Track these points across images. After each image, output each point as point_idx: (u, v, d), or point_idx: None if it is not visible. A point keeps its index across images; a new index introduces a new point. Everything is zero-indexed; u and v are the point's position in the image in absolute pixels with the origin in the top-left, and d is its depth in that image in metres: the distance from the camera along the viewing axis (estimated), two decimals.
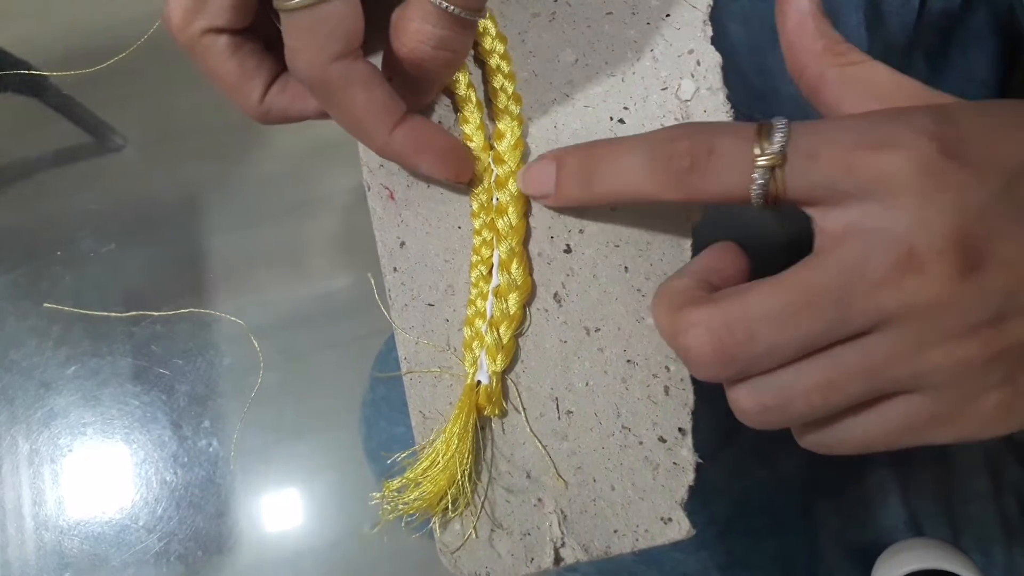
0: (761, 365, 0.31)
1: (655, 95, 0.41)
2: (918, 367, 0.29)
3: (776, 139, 0.30)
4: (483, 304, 0.39)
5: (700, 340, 0.31)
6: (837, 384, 0.30)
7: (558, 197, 0.37)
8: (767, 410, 0.32)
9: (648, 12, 0.42)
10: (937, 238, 0.28)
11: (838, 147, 0.29)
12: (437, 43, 0.34)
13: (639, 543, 0.37)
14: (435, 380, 0.39)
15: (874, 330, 0.29)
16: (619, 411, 0.38)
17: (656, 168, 0.33)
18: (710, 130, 0.32)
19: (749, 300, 0.30)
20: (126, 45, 0.61)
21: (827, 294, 0.29)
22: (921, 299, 0.28)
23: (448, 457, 0.37)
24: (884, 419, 0.31)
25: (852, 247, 0.29)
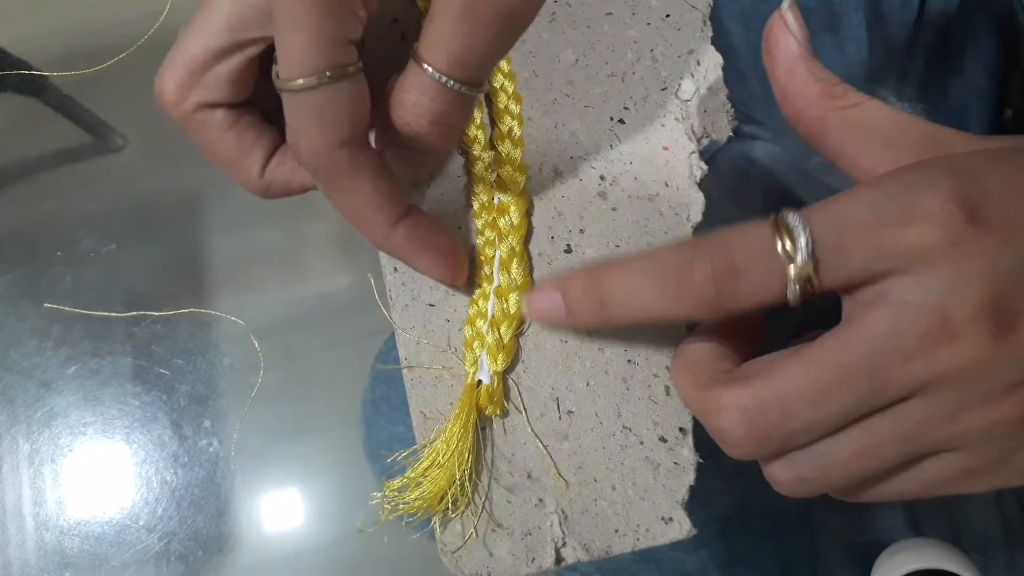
0: (797, 442, 0.31)
1: (655, 95, 0.41)
2: (954, 430, 0.29)
3: (801, 244, 0.29)
4: (485, 304, 0.39)
5: (734, 422, 0.31)
6: (873, 452, 0.30)
7: (572, 322, 0.35)
8: (805, 481, 0.32)
9: (648, 12, 0.42)
10: (969, 306, 0.28)
11: (864, 231, 0.29)
12: (435, 118, 0.32)
13: (640, 543, 0.37)
14: (436, 380, 0.39)
15: (909, 397, 0.29)
16: (620, 411, 0.38)
17: (678, 297, 0.31)
18: (725, 245, 0.31)
19: (780, 379, 0.30)
20: (126, 45, 0.61)
21: (859, 369, 0.29)
22: (956, 366, 0.28)
23: (449, 456, 0.37)
24: (919, 476, 0.31)
25: (883, 319, 0.29)
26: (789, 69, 0.34)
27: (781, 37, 0.34)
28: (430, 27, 0.30)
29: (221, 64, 0.33)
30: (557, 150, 0.41)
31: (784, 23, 0.34)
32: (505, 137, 0.40)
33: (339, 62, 0.30)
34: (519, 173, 0.40)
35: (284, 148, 0.36)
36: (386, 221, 0.34)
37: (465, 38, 0.30)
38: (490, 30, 0.30)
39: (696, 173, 0.41)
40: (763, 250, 0.30)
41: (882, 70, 0.60)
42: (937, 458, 0.31)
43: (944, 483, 0.31)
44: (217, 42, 0.33)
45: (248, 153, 0.35)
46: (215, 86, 0.33)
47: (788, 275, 0.29)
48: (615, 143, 0.41)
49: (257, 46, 0.33)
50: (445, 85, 0.31)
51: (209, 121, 0.34)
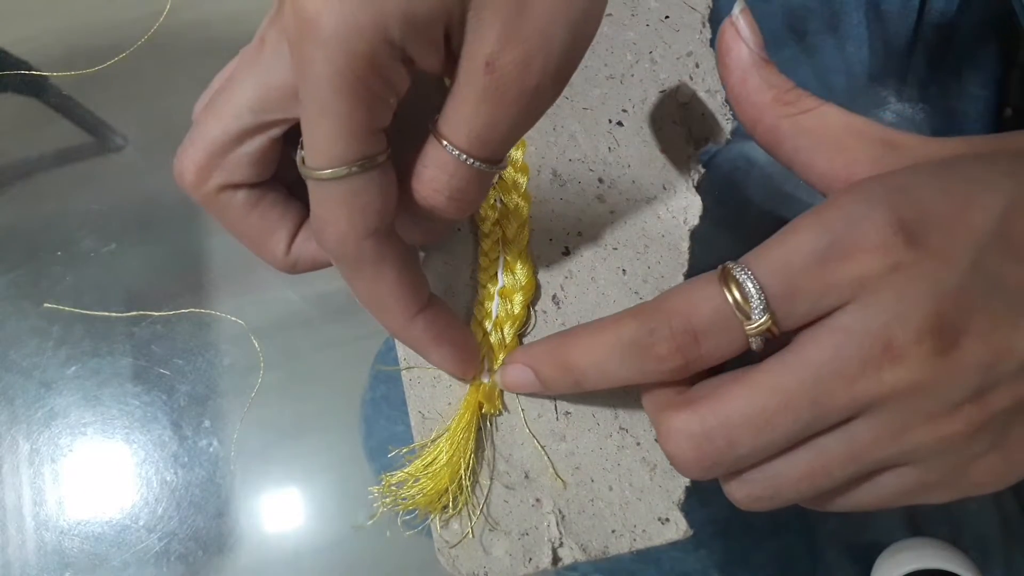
0: (745, 464, 0.31)
1: (654, 97, 0.41)
2: (903, 447, 0.29)
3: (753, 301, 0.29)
4: (489, 305, 0.39)
5: (681, 448, 0.31)
6: (823, 471, 0.30)
7: (550, 393, 0.37)
8: (758, 499, 0.32)
9: (647, 14, 0.42)
10: (913, 328, 0.28)
11: (810, 273, 0.29)
12: (452, 194, 0.31)
13: (636, 543, 0.37)
14: (434, 380, 0.39)
15: (856, 417, 0.29)
16: (617, 412, 0.38)
17: (644, 370, 0.32)
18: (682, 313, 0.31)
19: (725, 405, 0.30)
20: (126, 45, 0.61)
21: (803, 395, 0.29)
22: (901, 386, 0.28)
23: (452, 453, 0.37)
24: (875, 490, 0.31)
25: (827, 345, 0.29)
26: (742, 76, 0.34)
27: (733, 44, 0.34)
28: (452, 103, 0.29)
29: (243, 146, 0.32)
30: (555, 152, 0.41)
31: (736, 30, 0.34)
32: None
33: (369, 152, 0.29)
34: (521, 174, 0.40)
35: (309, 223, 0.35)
36: (407, 312, 0.34)
37: (488, 117, 0.29)
38: (513, 108, 0.29)
39: (694, 176, 0.41)
40: (718, 311, 0.30)
41: (882, 70, 0.60)
42: (892, 472, 0.31)
43: (901, 496, 0.31)
44: (239, 124, 0.31)
45: (273, 232, 0.34)
46: (237, 168, 0.32)
47: (747, 331, 0.30)
48: (613, 145, 0.41)
49: (280, 127, 0.32)
50: (465, 163, 0.30)
51: (232, 202, 0.33)
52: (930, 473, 0.30)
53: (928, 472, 0.30)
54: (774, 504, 0.32)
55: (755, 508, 0.33)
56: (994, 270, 0.28)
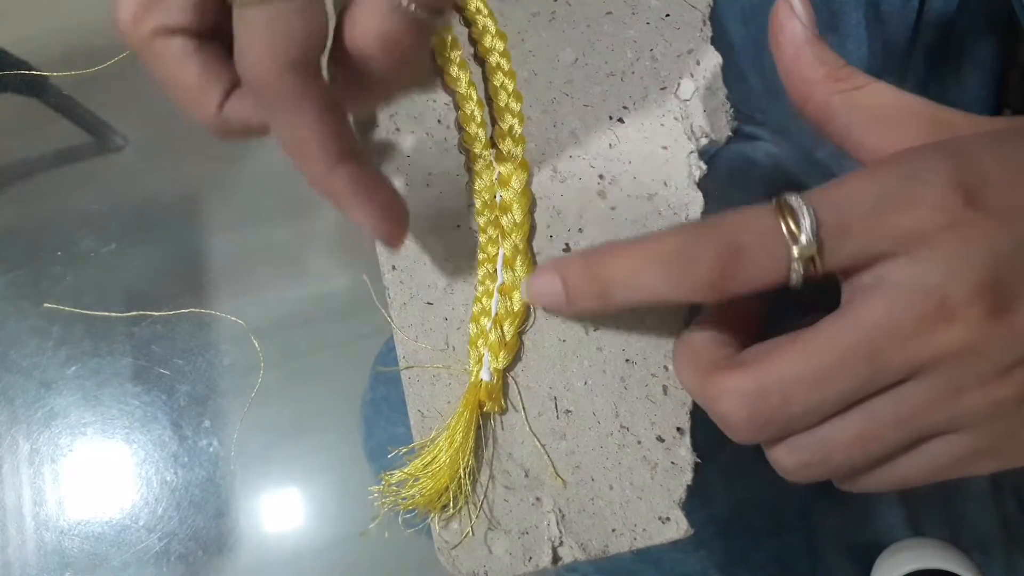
0: (797, 426, 0.31)
1: (654, 95, 0.41)
2: (954, 411, 0.29)
3: (804, 226, 0.29)
4: (488, 302, 0.39)
5: (735, 408, 0.31)
6: (875, 435, 0.30)
7: (572, 309, 0.36)
8: (808, 466, 0.32)
9: (648, 12, 0.42)
10: (966, 288, 0.28)
11: (865, 214, 0.29)
12: (385, 42, 0.29)
13: (637, 542, 0.37)
14: (434, 379, 0.39)
15: (909, 379, 0.29)
16: (617, 410, 0.38)
17: (682, 279, 0.31)
18: (731, 228, 0.31)
19: (780, 364, 0.30)
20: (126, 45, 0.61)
21: (858, 352, 0.29)
22: (954, 347, 0.28)
23: (451, 452, 0.37)
24: (924, 460, 0.31)
25: (882, 302, 0.29)
26: (795, 53, 0.34)
27: (787, 22, 0.34)
28: None
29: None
30: (556, 149, 0.41)
31: (790, 7, 0.34)
32: (506, 135, 0.40)
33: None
34: (521, 171, 0.40)
35: None
36: (328, 158, 0.31)
37: None
38: None
39: (695, 173, 0.41)
40: (767, 231, 0.30)
41: (881, 69, 0.60)
42: (941, 440, 0.31)
43: (949, 466, 0.31)
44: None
45: (207, 86, 0.32)
46: (175, 9, 0.30)
47: (792, 255, 0.30)
48: (614, 142, 0.41)
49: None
50: (399, 6, 0.28)
51: (168, 48, 0.31)
52: (981, 439, 0.30)
53: (979, 439, 0.30)
54: (823, 471, 0.32)
55: (803, 476, 0.32)
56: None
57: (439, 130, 0.41)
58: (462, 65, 0.41)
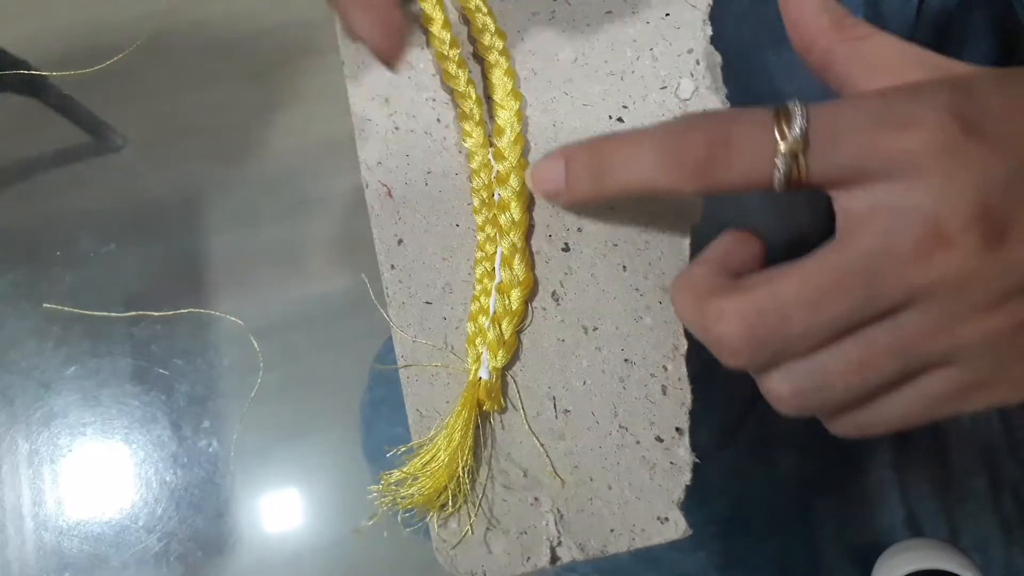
0: (794, 349, 0.31)
1: (654, 94, 0.41)
2: (949, 341, 0.30)
3: (796, 123, 0.30)
4: (487, 301, 0.39)
5: (732, 328, 0.31)
6: (871, 363, 0.30)
7: (570, 195, 0.36)
8: (803, 394, 0.32)
9: (648, 11, 0.42)
10: (962, 214, 0.28)
11: (859, 128, 0.29)
12: None
13: (635, 542, 0.37)
14: (432, 378, 0.39)
15: (904, 307, 0.30)
16: (616, 410, 0.38)
17: (671, 161, 0.32)
18: (726, 118, 0.32)
19: (778, 285, 0.30)
20: (126, 45, 0.61)
21: (856, 275, 0.29)
22: (949, 274, 0.29)
23: (450, 451, 0.37)
24: (918, 394, 0.31)
25: (878, 226, 0.29)
26: (800, 2, 0.34)
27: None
28: None
29: None
30: (555, 148, 0.41)
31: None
32: (504, 133, 0.40)
33: None
34: (519, 169, 0.40)
35: None
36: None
37: None
38: None
39: None
40: (759, 124, 0.30)
41: None
42: (935, 373, 0.31)
43: (943, 400, 0.31)
44: None
45: None
46: None
47: (777, 150, 0.30)
48: None
49: None
50: None
51: None
52: (974, 372, 0.30)
53: (972, 371, 0.30)
54: (819, 401, 0.32)
55: (798, 406, 0.32)
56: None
57: (438, 129, 0.41)
58: (461, 63, 0.41)
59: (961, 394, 0.31)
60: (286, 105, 0.75)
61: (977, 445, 0.55)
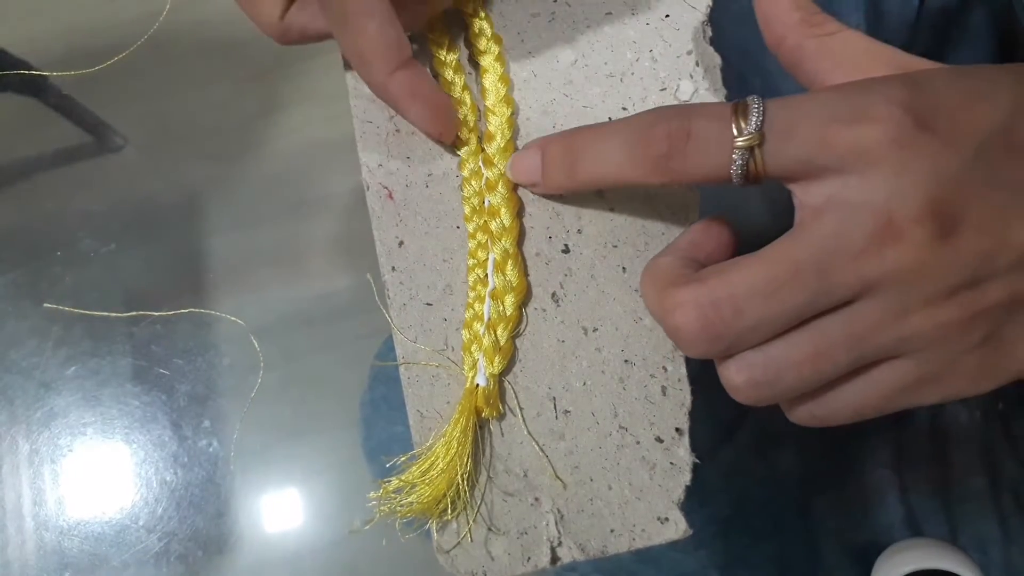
0: (749, 340, 0.31)
1: (654, 96, 0.41)
2: (901, 332, 0.30)
3: (752, 118, 0.30)
4: (481, 307, 0.39)
5: (688, 319, 0.31)
6: (825, 354, 0.31)
7: (545, 185, 0.38)
8: (758, 384, 0.32)
9: (647, 13, 0.42)
10: (913, 207, 0.29)
11: (813, 123, 0.30)
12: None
13: (636, 543, 0.37)
14: (432, 380, 0.39)
15: (857, 299, 0.30)
16: (616, 411, 0.38)
17: (635, 155, 0.33)
18: (686, 113, 0.32)
19: (733, 276, 0.31)
20: (126, 45, 0.61)
21: (809, 266, 0.30)
22: (901, 266, 0.29)
23: (448, 461, 0.37)
24: (872, 385, 0.32)
25: (831, 219, 0.30)
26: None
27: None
28: None
29: None
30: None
31: None
32: (493, 139, 0.40)
33: None
34: (507, 176, 0.40)
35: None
36: (387, 66, 0.35)
37: None
38: None
39: None
40: (718, 119, 0.31)
41: None
42: (889, 365, 0.31)
43: (897, 393, 0.31)
44: None
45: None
46: None
47: (734, 145, 0.31)
48: None
49: None
50: None
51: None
52: (926, 365, 0.31)
53: (924, 363, 0.31)
54: (774, 392, 0.32)
55: (754, 396, 0.33)
56: (997, 164, 0.29)
57: None
58: (457, 69, 0.41)
59: (915, 386, 0.31)
60: (286, 105, 0.75)
61: (976, 445, 0.56)
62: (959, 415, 0.56)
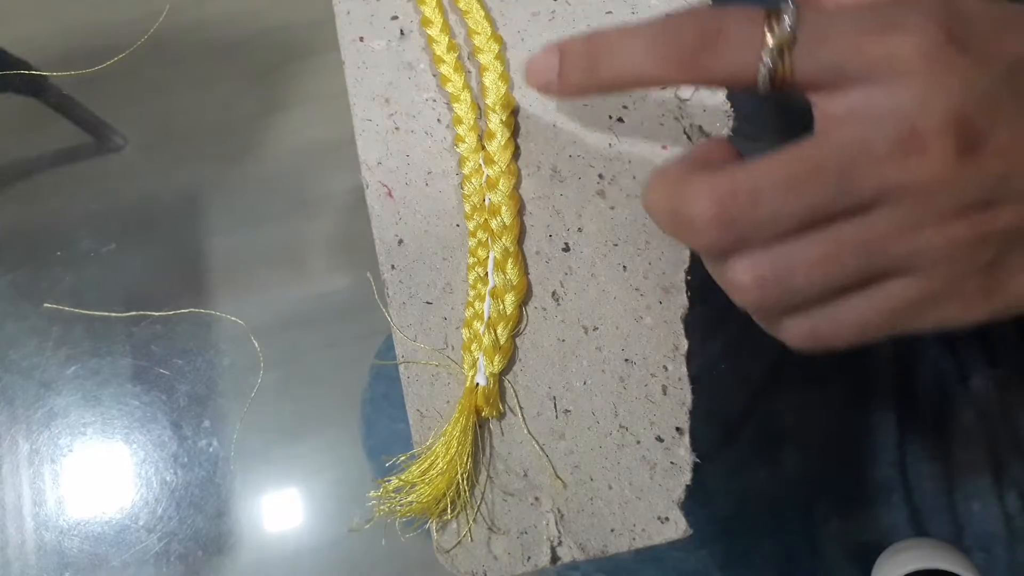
0: (762, 232, 0.31)
1: (654, 94, 0.41)
2: (913, 244, 0.30)
3: (785, 21, 0.30)
4: (481, 306, 0.39)
5: (703, 205, 0.31)
6: (836, 258, 0.31)
7: (562, 86, 0.36)
8: (765, 283, 0.32)
9: (647, 12, 0.42)
10: (938, 119, 0.29)
11: (847, 30, 0.30)
12: None
13: (636, 542, 0.37)
14: (432, 378, 0.39)
15: (873, 207, 0.30)
16: (617, 410, 0.38)
17: (663, 49, 0.32)
18: (720, 13, 0.32)
19: (754, 170, 0.31)
20: (126, 45, 0.61)
21: (832, 166, 0.30)
22: (921, 177, 0.29)
23: (448, 460, 0.37)
24: (877, 300, 0.32)
25: (856, 127, 0.30)
26: None
27: None
28: None
29: None
30: (556, 148, 0.41)
31: None
32: (494, 137, 0.40)
33: None
34: (508, 174, 0.40)
35: None
36: None
37: None
38: None
39: None
40: (750, 19, 0.31)
41: None
42: (896, 281, 0.31)
43: (900, 310, 0.31)
44: None
45: None
46: None
47: (765, 44, 0.30)
48: (614, 142, 0.41)
49: None
50: None
51: None
52: (931, 281, 0.31)
53: (929, 280, 0.31)
54: (781, 293, 0.32)
55: (760, 296, 0.32)
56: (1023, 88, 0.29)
57: (439, 129, 0.41)
58: (457, 67, 0.41)
59: (917, 305, 0.31)
60: (286, 105, 0.75)
61: (981, 443, 0.55)
62: (965, 413, 0.56)
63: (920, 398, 0.57)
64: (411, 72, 0.42)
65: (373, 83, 0.42)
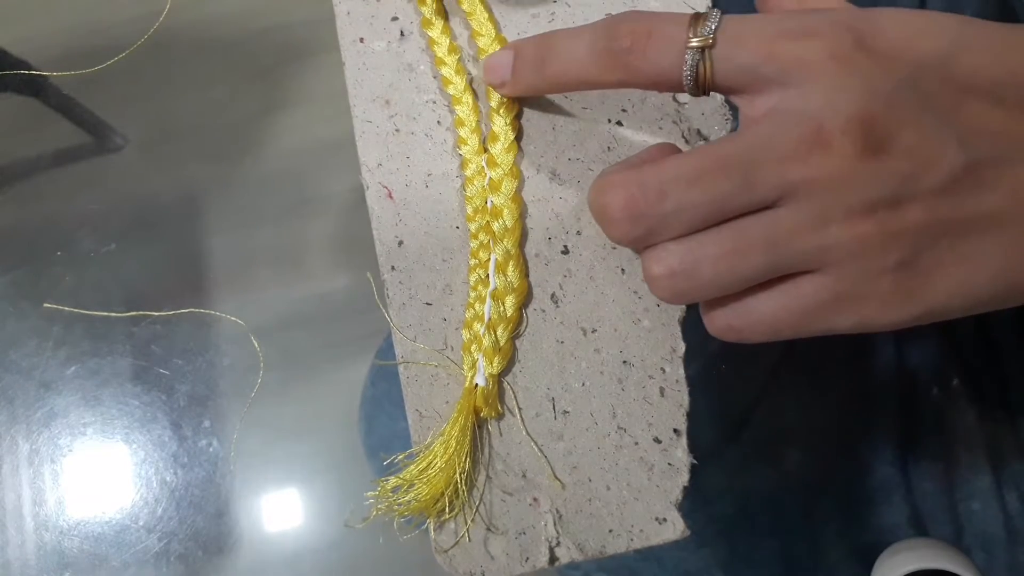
0: (670, 227, 0.32)
1: (653, 97, 0.41)
2: (819, 241, 0.31)
3: (708, 24, 0.32)
4: (481, 308, 0.39)
5: (615, 198, 0.33)
6: (743, 252, 0.32)
7: (514, 84, 0.39)
8: (674, 274, 0.33)
9: None
10: (843, 118, 0.30)
11: (763, 35, 0.32)
12: None
13: (634, 543, 0.37)
14: (432, 379, 0.39)
15: (779, 203, 0.31)
16: (615, 412, 0.38)
17: (599, 50, 0.34)
18: (650, 16, 0.34)
19: (664, 165, 0.32)
20: (126, 45, 0.61)
21: (735, 161, 0.31)
22: (824, 174, 0.30)
23: (446, 460, 0.37)
24: (789, 297, 0.32)
25: (766, 126, 0.31)
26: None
27: None
28: None
29: None
30: (555, 152, 0.41)
31: None
32: (497, 140, 0.40)
33: None
34: (511, 176, 0.40)
35: None
36: None
37: None
38: None
39: None
40: (677, 23, 0.33)
41: None
42: (806, 279, 0.32)
43: (813, 310, 0.32)
44: None
45: None
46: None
47: (688, 45, 0.32)
48: (612, 145, 0.41)
49: None
50: None
51: None
52: (842, 281, 0.31)
53: (840, 280, 0.31)
54: (691, 286, 0.33)
55: (671, 289, 0.34)
56: (931, 93, 0.30)
57: (439, 131, 0.41)
58: (458, 69, 0.41)
59: (831, 305, 0.32)
60: (286, 105, 0.75)
61: (983, 443, 0.56)
62: (966, 414, 0.56)
63: (920, 398, 0.57)
64: (411, 74, 0.42)
65: (373, 84, 0.42)
